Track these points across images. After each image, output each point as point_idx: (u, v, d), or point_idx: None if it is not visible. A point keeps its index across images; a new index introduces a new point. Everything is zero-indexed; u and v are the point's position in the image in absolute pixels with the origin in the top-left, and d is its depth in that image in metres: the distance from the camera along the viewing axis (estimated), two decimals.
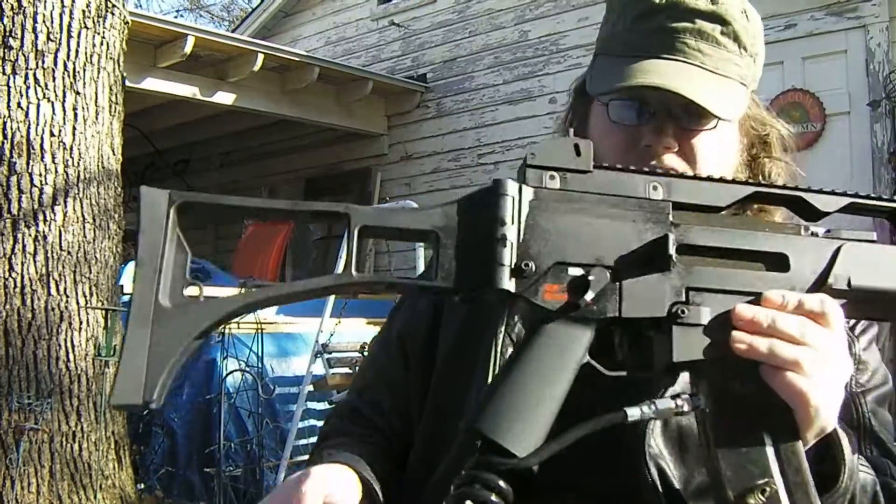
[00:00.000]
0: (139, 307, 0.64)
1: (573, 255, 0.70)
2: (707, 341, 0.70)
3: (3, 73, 3.38)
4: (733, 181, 0.77)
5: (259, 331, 4.34)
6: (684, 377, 0.75)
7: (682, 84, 0.90)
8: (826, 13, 5.07)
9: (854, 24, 4.98)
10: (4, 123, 3.38)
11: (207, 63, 6.00)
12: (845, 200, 0.77)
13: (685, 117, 0.94)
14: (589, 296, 0.68)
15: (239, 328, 4.39)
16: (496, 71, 6.66)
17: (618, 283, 0.70)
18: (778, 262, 0.73)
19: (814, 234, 0.76)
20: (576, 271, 0.70)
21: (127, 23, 3.85)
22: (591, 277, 0.69)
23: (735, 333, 0.69)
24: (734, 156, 1.01)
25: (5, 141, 3.38)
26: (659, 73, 0.92)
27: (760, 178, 1.02)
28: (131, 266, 6.15)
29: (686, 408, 0.70)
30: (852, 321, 1.01)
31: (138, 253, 0.66)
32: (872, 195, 0.79)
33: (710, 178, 0.76)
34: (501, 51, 6.66)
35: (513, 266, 0.68)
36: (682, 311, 0.70)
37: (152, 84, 5.78)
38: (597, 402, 0.71)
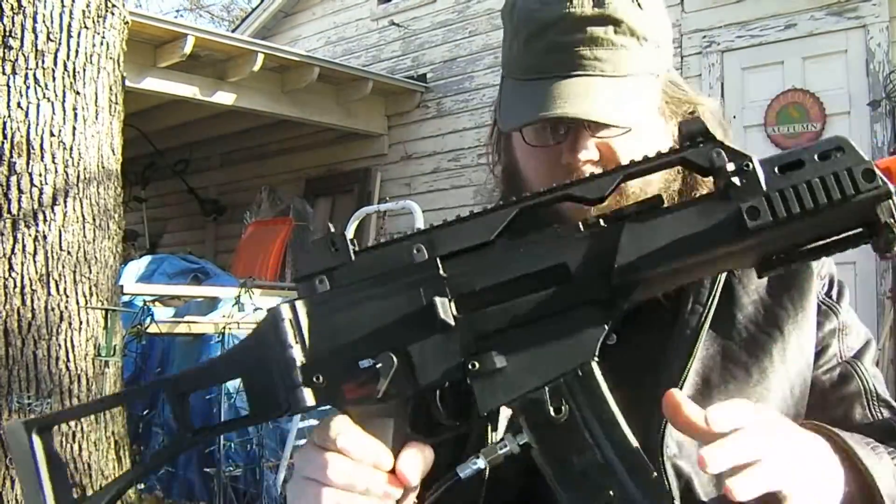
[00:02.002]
0: None
1: (359, 349, 0.72)
2: (509, 382, 0.70)
3: (3, 73, 3.38)
4: (495, 208, 0.73)
5: None
6: None
7: (580, 105, 0.88)
8: (826, 13, 5.07)
9: (854, 24, 4.98)
10: (4, 123, 3.38)
11: (207, 63, 6.00)
12: (617, 175, 0.72)
13: (598, 127, 0.92)
14: (381, 384, 0.70)
15: (239, 328, 4.38)
16: (496, 71, 6.63)
17: (407, 360, 0.71)
18: (559, 275, 0.70)
19: (595, 224, 0.71)
20: (366, 363, 0.71)
21: (127, 23, 3.85)
22: (378, 365, 0.70)
23: (728, 482, 0.66)
24: (663, 142, 0.99)
25: (5, 141, 3.38)
26: (560, 97, 0.89)
27: None
28: (131, 265, 6.13)
29: (512, 447, 0.71)
30: (826, 288, 1.01)
31: (19, 480, 0.76)
32: (647, 156, 0.72)
33: (468, 217, 0.73)
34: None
35: (307, 382, 0.71)
36: (474, 365, 0.70)
37: (152, 84, 5.77)
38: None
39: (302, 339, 0.72)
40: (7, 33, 3.39)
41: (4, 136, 3.38)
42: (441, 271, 0.71)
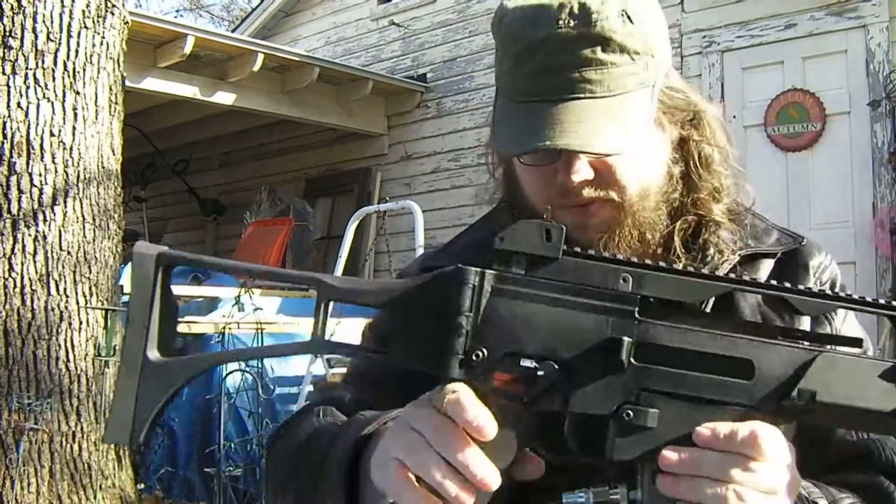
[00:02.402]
0: (129, 358, 0.71)
1: (527, 346, 0.70)
2: (649, 444, 0.69)
3: (3, 73, 3.39)
4: (711, 276, 0.73)
5: (259, 330, 4.34)
6: None
7: (572, 135, 0.87)
8: (826, 13, 5.07)
9: (854, 24, 4.98)
10: (4, 123, 3.39)
11: (207, 63, 6.00)
12: (833, 305, 0.73)
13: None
14: (535, 390, 0.69)
15: (239, 328, 4.39)
16: None
17: (568, 378, 0.69)
18: (742, 369, 0.70)
19: (798, 339, 0.74)
20: (528, 362, 0.69)
21: (127, 23, 3.85)
22: (540, 372, 0.69)
23: (661, 478, 0.69)
24: (661, 153, 0.98)
25: (5, 141, 3.38)
26: (551, 125, 0.88)
27: (691, 160, 1.00)
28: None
29: (622, 500, 0.71)
30: (826, 285, 1.00)
31: (129, 309, 0.73)
32: (867, 300, 0.74)
33: (686, 273, 0.73)
34: None
35: (463, 354, 0.69)
36: (628, 414, 0.69)
37: (152, 84, 5.78)
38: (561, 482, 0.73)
39: (477, 309, 0.70)
40: (7, 33, 3.39)
41: (4, 136, 3.38)
42: (637, 311, 0.71)
